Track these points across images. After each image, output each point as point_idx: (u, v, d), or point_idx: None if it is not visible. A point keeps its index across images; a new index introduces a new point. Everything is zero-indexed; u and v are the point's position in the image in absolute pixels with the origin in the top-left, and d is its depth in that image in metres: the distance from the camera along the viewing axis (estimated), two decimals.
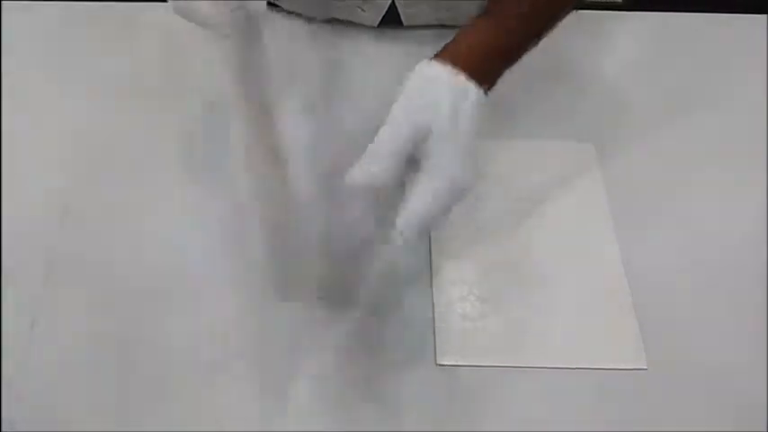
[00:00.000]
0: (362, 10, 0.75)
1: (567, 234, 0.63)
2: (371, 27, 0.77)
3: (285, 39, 0.75)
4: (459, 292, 0.59)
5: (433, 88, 0.48)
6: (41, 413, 0.52)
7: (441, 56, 0.50)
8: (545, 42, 0.54)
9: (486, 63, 0.50)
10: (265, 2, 0.43)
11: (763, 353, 0.57)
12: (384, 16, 0.76)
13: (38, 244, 0.60)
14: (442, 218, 0.48)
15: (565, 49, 0.75)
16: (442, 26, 0.77)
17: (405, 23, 0.77)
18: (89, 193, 0.64)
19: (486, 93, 0.50)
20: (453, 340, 0.57)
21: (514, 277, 0.60)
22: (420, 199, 0.47)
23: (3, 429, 0.50)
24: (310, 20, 0.79)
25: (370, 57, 0.75)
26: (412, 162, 0.48)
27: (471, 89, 0.49)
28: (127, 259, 0.60)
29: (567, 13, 0.56)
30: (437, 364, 0.56)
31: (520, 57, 0.53)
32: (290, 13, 0.79)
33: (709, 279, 0.61)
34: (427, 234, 0.62)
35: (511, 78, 0.52)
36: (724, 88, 0.75)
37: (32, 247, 0.60)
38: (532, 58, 0.53)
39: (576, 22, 0.57)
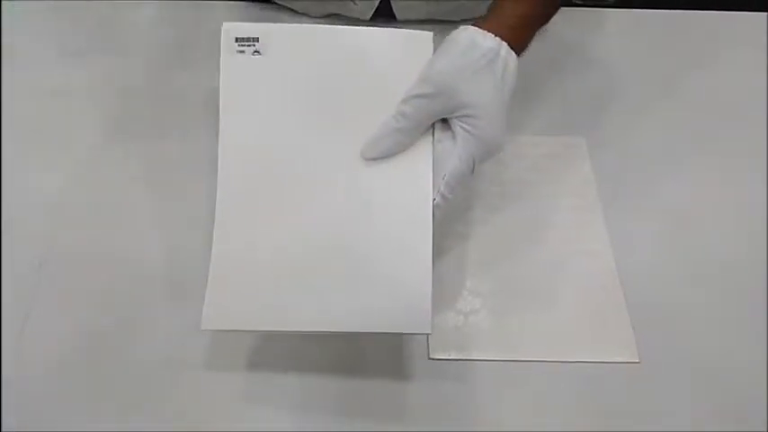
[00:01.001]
0: (355, 3, 0.75)
1: (559, 229, 0.64)
2: (364, 21, 0.77)
3: None
4: (451, 287, 0.60)
5: (477, 54, 0.49)
6: (39, 412, 0.53)
7: (480, 26, 0.51)
8: (537, 39, 0.54)
9: (522, 32, 0.52)
10: None
11: (760, 345, 0.57)
12: (376, 10, 0.76)
13: (33, 240, 0.61)
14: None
15: (556, 44, 0.75)
16: (434, 20, 0.77)
17: (398, 17, 0.77)
18: (85, 190, 0.64)
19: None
20: (446, 334, 0.57)
21: (506, 272, 0.61)
22: (460, 160, 0.49)
23: (3, 429, 0.51)
24: (302, 15, 0.79)
25: None
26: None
27: (513, 57, 0.50)
28: (122, 255, 0.60)
29: None
30: (430, 358, 0.56)
31: (545, 24, 0.56)
32: (281, 8, 0.79)
33: (702, 273, 0.61)
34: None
35: None
36: (717, 84, 0.75)
37: (28, 243, 0.61)
38: (525, 55, 0.53)
39: (567, 19, 0.57)
